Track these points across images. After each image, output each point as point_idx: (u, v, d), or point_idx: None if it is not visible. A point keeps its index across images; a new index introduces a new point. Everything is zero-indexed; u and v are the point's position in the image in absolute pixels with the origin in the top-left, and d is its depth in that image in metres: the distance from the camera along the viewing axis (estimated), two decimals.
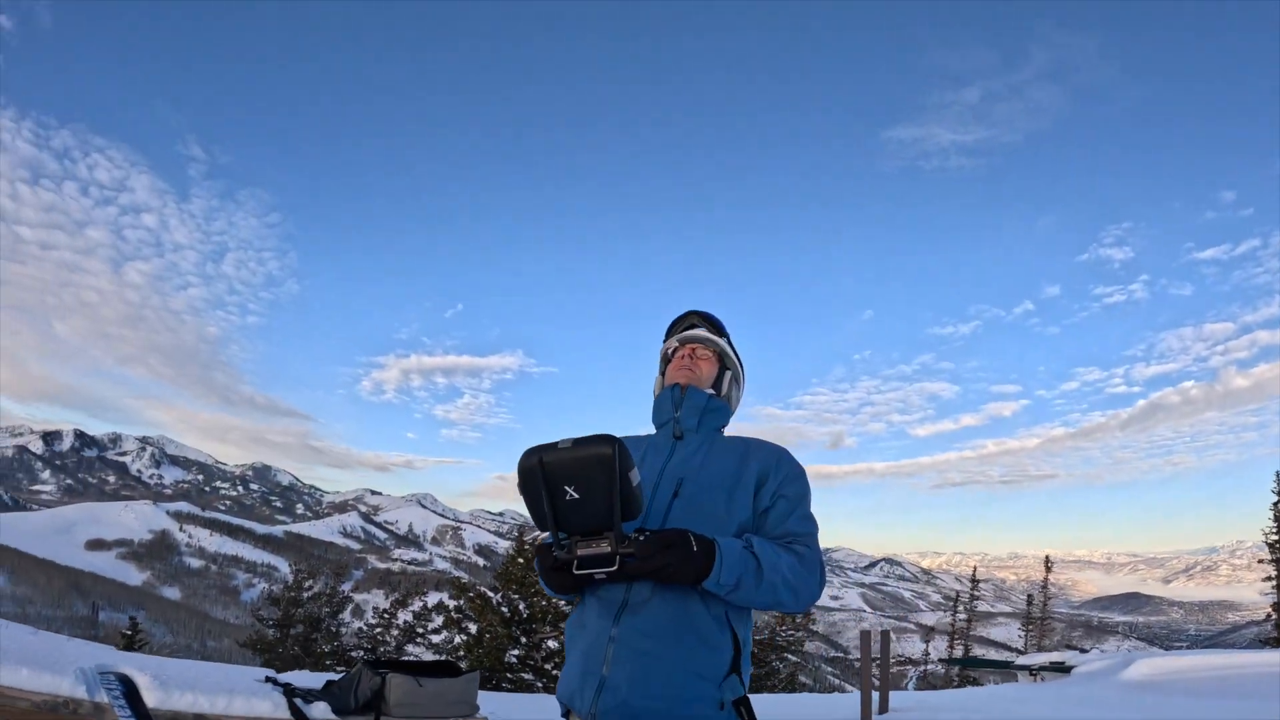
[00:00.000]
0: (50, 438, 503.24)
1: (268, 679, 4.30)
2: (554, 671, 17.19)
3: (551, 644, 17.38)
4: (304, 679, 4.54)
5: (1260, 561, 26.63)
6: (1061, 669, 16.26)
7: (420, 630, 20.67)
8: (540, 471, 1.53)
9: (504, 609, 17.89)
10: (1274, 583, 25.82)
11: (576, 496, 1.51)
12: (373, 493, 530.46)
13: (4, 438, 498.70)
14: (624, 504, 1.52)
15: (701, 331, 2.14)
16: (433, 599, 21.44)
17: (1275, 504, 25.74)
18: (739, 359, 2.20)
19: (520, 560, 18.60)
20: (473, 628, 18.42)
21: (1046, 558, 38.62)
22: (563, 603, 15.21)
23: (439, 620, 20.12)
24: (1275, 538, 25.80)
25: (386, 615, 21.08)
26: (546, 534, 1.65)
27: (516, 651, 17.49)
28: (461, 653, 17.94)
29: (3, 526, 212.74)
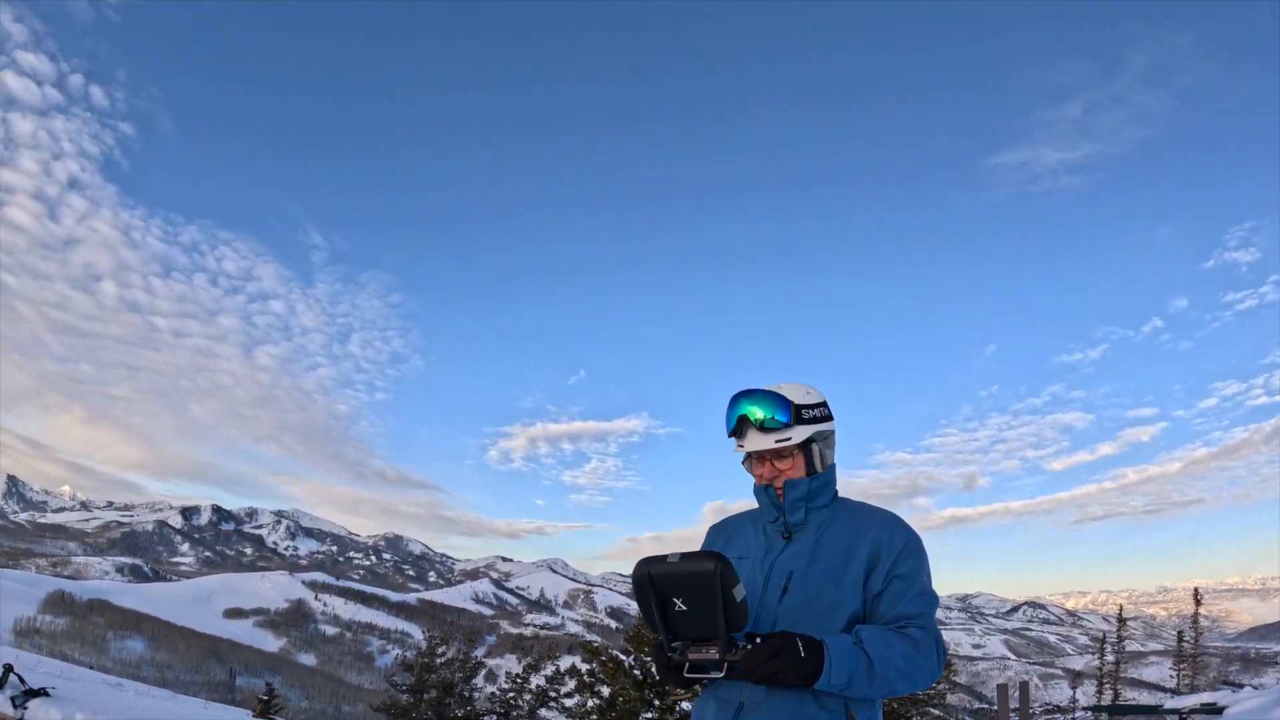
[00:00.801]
0: (189, 512, 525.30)
1: None
2: None
3: (685, 705, 16.39)
4: None
5: None
6: (1213, 710, 15.11)
7: (553, 694, 20.29)
8: (649, 583, 1.62)
9: (636, 671, 16.97)
10: None
11: (684, 609, 1.59)
12: (504, 559, 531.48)
13: (145, 513, 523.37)
14: (728, 618, 1.58)
15: (765, 440, 1.95)
16: (565, 663, 20.97)
17: None
18: (822, 413, 2.00)
19: None
20: (605, 691, 17.66)
21: (1195, 590, 37.08)
22: None
23: (571, 684, 19.47)
24: None
25: (519, 680, 21.05)
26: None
27: (649, 715, 16.95)
28: (594, 716, 17.77)
29: (145, 596, 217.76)
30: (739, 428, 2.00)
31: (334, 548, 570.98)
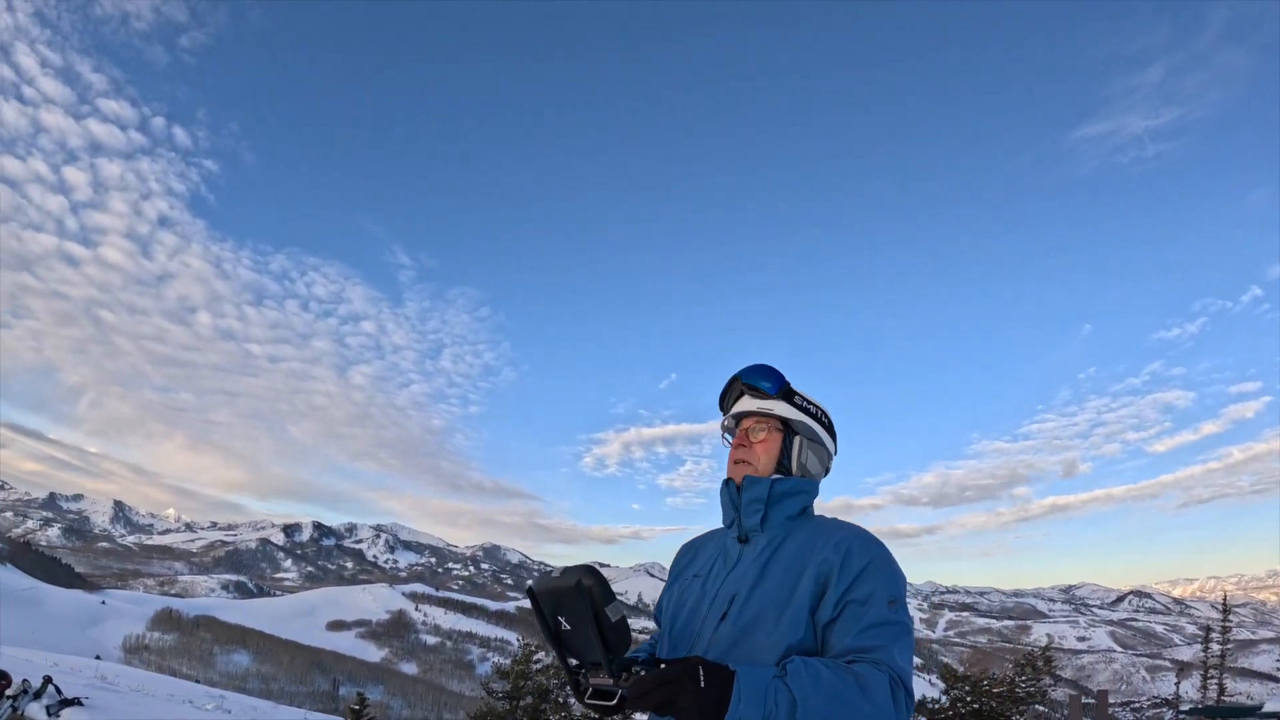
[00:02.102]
0: (291, 530, 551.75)
1: None
2: None
3: None
4: None
5: None
6: None
7: None
8: (534, 601, 1.54)
9: None
10: None
11: (569, 628, 1.51)
12: (601, 565, 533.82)
13: (248, 532, 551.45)
14: (605, 639, 1.47)
15: (749, 402, 1.90)
16: None
17: None
18: (816, 411, 1.91)
19: None
20: None
21: None
22: None
23: None
24: None
25: None
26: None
27: None
28: None
29: (249, 612, 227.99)
30: (728, 391, 1.96)
31: (433, 559, 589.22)
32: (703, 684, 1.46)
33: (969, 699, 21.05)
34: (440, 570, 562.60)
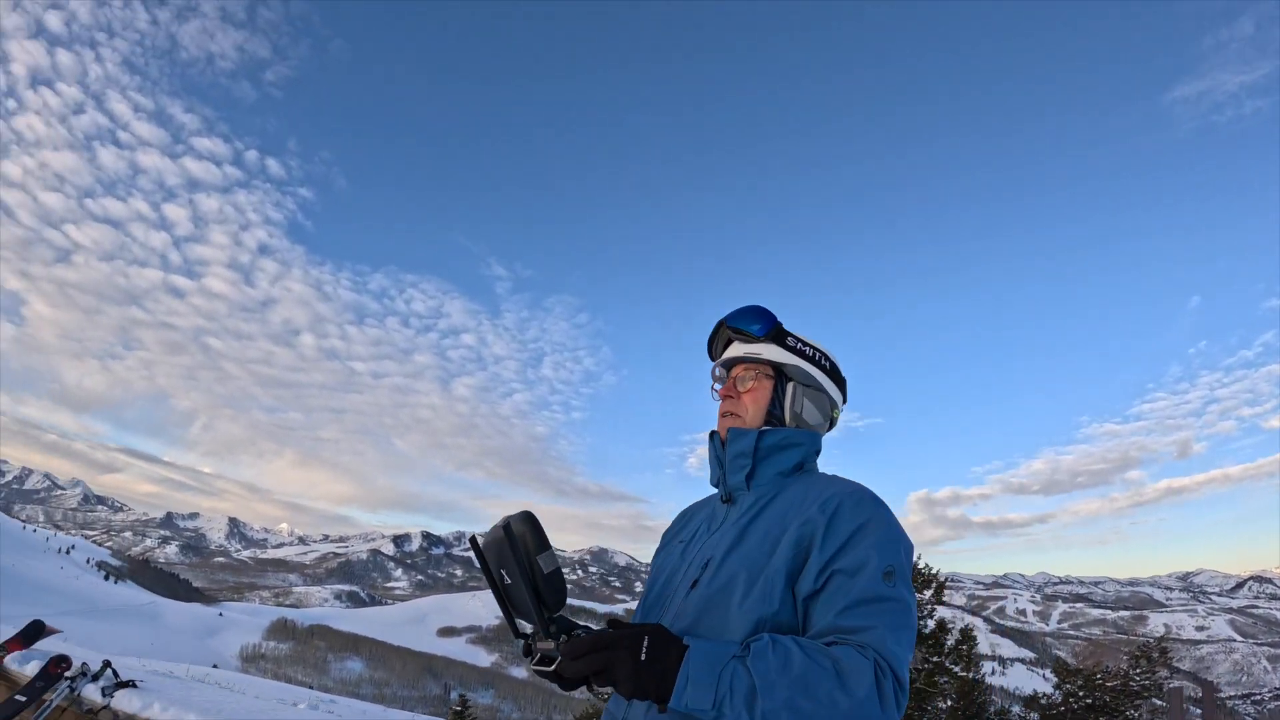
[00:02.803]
0: (400, 540, 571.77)
1: None
2: None
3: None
4: None
5: None
6: None
7: None
8: (478, 554, 1.43)
9: None
10: None
11: (509, 582, 1.40)
12: None
13: (359, 543, 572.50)
14: (538, 594, 1.38)
15: (737, 348, 1.71)
16: None
17: None
18: (813, 353, 1.71)
19: None
20: None
21: None
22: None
23: None
24: None
25: None
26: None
27: None
28: None
29: (362, 620, 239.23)
30: (714, 337, 1.77)
31: None
32: (644, 656, 1.34)
33: (1082, 694, 20.69)
34: None
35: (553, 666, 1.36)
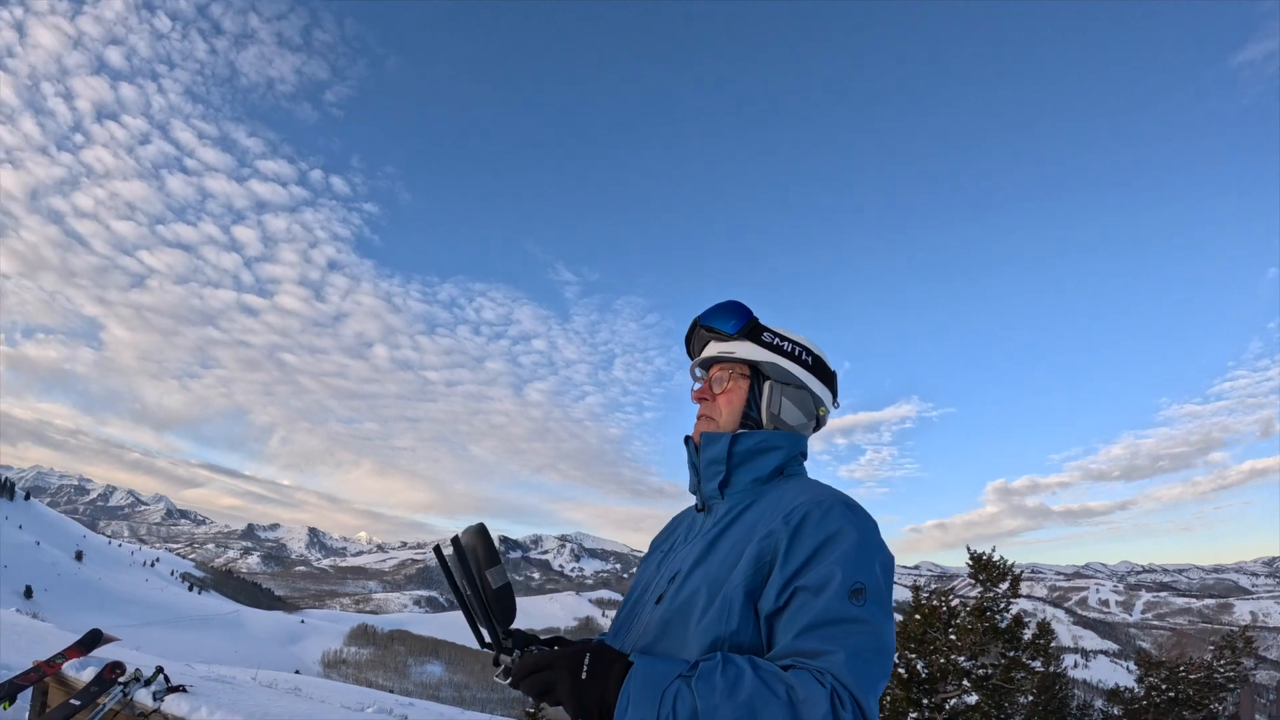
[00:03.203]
0: None
1: None
2: None
3: (952, 702, 17.10)
4: None
5: None
6: None
7: None
8: (441, 565, 1.43)
9: (901, 670, 17.60)
10: None
11: (469, 593, 1.39)
12: None
13: None
14: (489, 608, 1.36)
15: (712, 347, 1.65)
16: None
17: None
18: (792, 348, 1.62)
19: (918, 617, 18.04)
20: None
21: None
22: (963, 660, 16.72)
23: None
24: None
25: None
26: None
27: (915, 714, 17.42)
28: None
29: (441, 624, 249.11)
30: (690, 338, 1.72)
31: (618, 565, 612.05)
32: (584, 675, 1.31)
33: (1164, 687, 20.80)
34: (626, 576, 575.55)
35: (508, 681, 1.36)
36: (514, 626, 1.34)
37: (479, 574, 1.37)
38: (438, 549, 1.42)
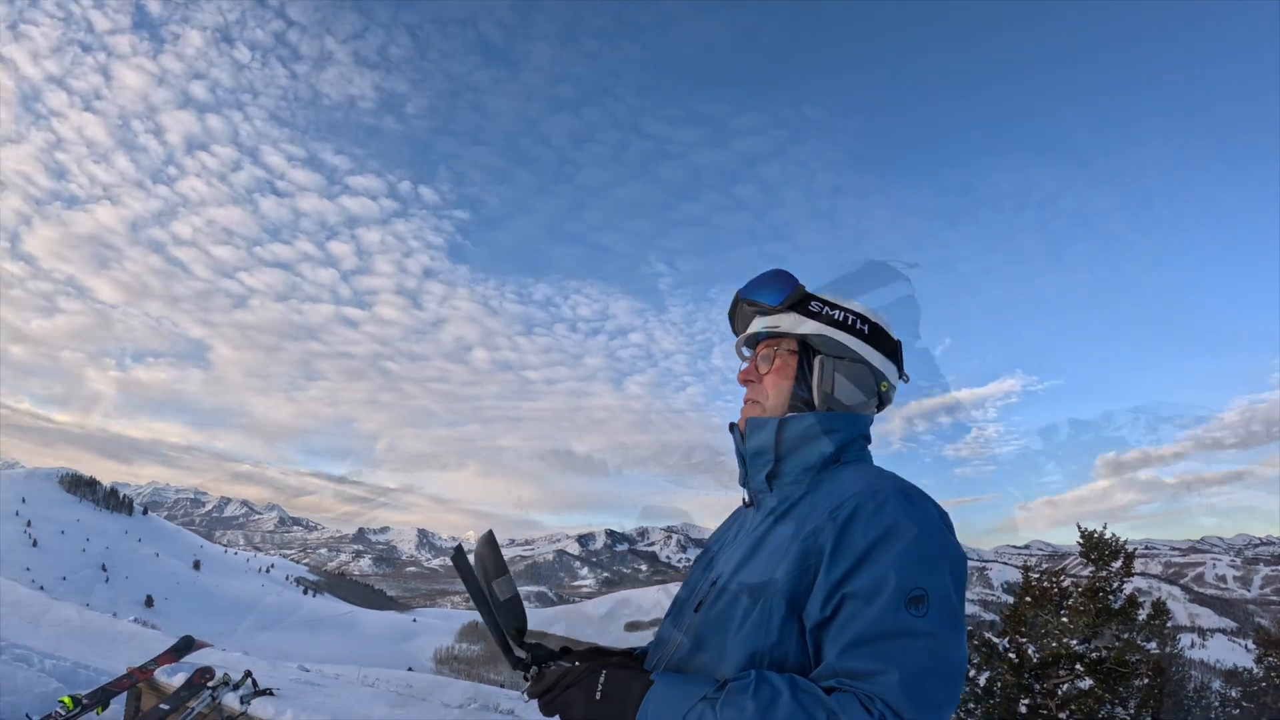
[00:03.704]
0: (584, 539, 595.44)
1: None
2: None
3: (1065, 688, 16.57)
4: None
5: None
6: None
7: None
8: (460, 574, 1.38)
9: (1012, 655, 17.46)
10: None
11: (487, 600, 1.36)
12: None
13: (544, 545, 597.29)
14: (499, 620, 1.32)
15: (757, 322, 1.52)
16: None
17: None
18: (846, 317, 1.46)
19: (1029, 599, 17.69)
20: (981, 678, 18.00)
21: None
22: (1075, 643, 16.12)
23: None
24: None
25: None
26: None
27: (1027, 701, 17.15)
28: (971, 704, 17.83)
29: (551, 619, 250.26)
30: (733, 314, 1.59)
31: None
32: (599, 695, 1.23)
33: None
34: None
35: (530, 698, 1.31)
36: (533, 641, 1.33)
37: (487, 583, 1.33)
38: (455, 554, 1.37)
